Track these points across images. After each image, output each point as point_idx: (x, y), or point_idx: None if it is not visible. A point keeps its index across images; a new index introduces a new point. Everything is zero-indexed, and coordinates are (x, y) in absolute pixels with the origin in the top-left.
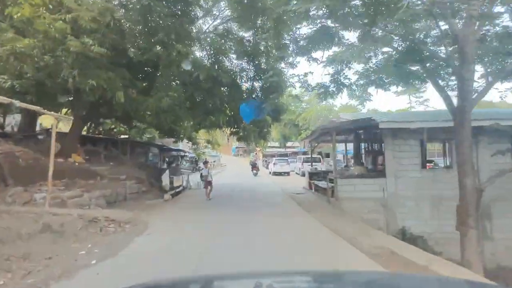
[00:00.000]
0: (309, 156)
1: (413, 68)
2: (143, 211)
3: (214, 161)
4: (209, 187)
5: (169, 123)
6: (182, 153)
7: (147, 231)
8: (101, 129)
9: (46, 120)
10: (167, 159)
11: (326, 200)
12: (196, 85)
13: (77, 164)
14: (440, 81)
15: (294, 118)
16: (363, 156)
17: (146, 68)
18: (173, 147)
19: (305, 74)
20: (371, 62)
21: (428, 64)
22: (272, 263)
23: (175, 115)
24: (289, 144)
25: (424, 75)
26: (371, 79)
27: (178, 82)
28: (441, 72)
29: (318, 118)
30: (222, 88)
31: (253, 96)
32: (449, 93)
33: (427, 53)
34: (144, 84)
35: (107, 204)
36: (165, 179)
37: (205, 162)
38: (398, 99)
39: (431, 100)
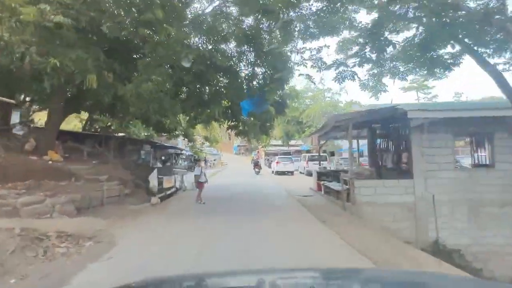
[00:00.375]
0: (315, 154)
1: (440, 52)
2: (121, 219)
3: (214, 160)
4: (201, 189)
5: (152, 114)
6: (179, 151)
7: (111, 252)
8: (97, 127)
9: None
10: (163, 157)
11: (341, 205)
12: (186, 69)
13: (50, 162)
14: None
15: (297, 115)
16: (379, 153)
17: (134, 56)
18: (167, 144)
19: (319, 49)
20: (387, 49)
21: (470, 41)
22: None
23: (159, 104)
24: (292, 142)
25: (449, 61)
26: (385, 68)
27: (166, 65)
28: (490, 48)
29: (323, 115)
30: (218, 75)
31: (254, 82)
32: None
33: (476, 24)
34: (124, 68)
35: (77, 211)
36: (153, 180)
37: (198, 160)
38: (405, 95)
39: (439, 97)
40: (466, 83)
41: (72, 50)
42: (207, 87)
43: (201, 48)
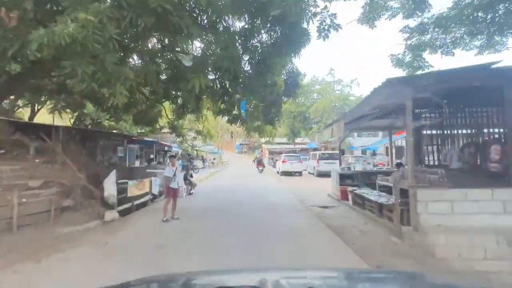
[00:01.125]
0: (325, 152)
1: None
2: (25, 256)
3: (214, 159)
4: (174, 200)
5: (85, 82)
6: (166, 148)
7: None
8: (87, 123)
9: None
10: (151, 156)
11: (389, 228)
12: (141, 7)
13: None
14: None
15: (304, 109)
16: (432, 148)
17: None
18: (148, 139)
19: None
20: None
21: None
22: None
23: (96, 65)
24: (298, 140)
25: None
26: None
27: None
28: None
29: (333, 110)
30: (200, 28)
31: (253, 41)
32: None
33: None
34: (41, 8)
35: None
36: (109, 185)
37: (172, 157)
38: None
39: None
40: None
41: None
42: (175, 38)
43: None
